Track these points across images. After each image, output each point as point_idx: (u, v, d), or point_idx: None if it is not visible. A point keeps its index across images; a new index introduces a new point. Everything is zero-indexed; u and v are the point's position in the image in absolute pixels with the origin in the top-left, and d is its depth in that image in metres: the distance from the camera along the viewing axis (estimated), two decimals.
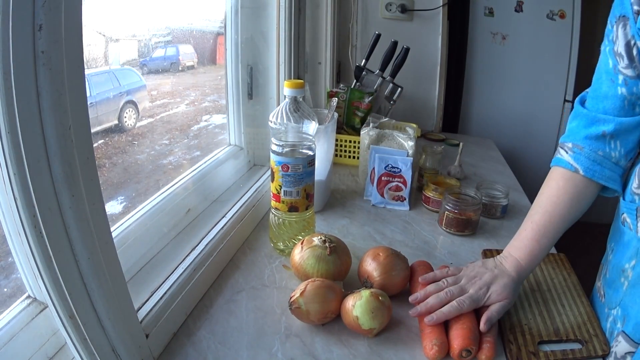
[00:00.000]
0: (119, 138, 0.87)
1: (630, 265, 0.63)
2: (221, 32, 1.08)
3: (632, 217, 0.64)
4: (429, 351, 0.61)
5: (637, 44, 0.60)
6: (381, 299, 0.65)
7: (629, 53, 0.61)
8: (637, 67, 0.61)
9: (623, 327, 0.63)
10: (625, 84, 0.63)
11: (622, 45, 0.61)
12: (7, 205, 0.42)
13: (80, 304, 0.46)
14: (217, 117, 1.17)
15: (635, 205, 0.64)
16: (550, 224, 0.70)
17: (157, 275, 0.68)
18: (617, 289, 0.67)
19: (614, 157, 0.67)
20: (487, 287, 0.68)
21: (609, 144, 0.66)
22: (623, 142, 0.66)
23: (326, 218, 1.04)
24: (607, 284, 0.70)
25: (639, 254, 0.62)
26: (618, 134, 0.66)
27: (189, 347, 0.63)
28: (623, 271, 0.65)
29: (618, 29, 0.62)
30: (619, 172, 0.68)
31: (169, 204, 0.83)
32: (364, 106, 1.41)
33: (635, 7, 0.58)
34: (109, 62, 0.80)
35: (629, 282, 0.63)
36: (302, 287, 0.66)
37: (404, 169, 1.09)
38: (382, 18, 1.87)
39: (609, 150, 0.67)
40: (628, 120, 0.64)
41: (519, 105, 2.18)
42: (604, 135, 0.66)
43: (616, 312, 0.66)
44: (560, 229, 0.70)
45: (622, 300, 0.65)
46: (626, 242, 0.65)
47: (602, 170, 0.67)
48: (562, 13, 2.04)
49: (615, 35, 0.63)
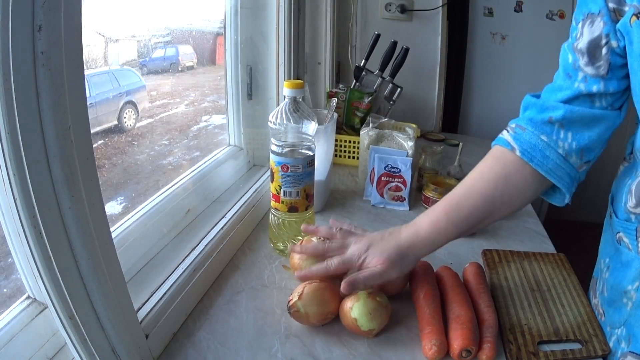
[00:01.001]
0: (119, 138, 0.87)
1: (633, 287, 0.61)
2: (221, 33, 1.08)
3: (631, 238, 0.61)
4: (428, 351, 0.61)
5: (611, 43, 0.57)
6: (379, 300, 0.65)
7: (592, 52, 0.58)
8: (601, 66, 0.58)
9: (629, 347, 0.61)
10: (584, 80, 0.60)
11: (585, 43, 0.59)
12: (7, 206, 0.42)
13: (80, 304, 0.46)
14: (216, 118, 1.17)
15: (633, 225, 0.60)
16: (465, 198, 0.64)
17: (157, 276, 0.68)
18: (619, 309, 0.64)
19: (562, 148, 0.61)
20: (365, 248, 0.61)
21: (557, 132, 0.61)
22: (575, 135, 0.61)
23: (326, 218, 1.04)
24: (606, 302, 0.68)
25: None
26: (568, 123, 0.61)
27: (189, 348, 0.63)
28: (625, 292, 0.62)
29: (584, 26, 0.59)
30: (568, 169, 0.62)
31: (169, 205, 0.83)
32: (364, 106, 1.41)
33: (610, 4, 0.55)
34: (109, 63, 0.80)
35: (633, 303, 0.61)
36: (299, 290, 0.66)
37: (404, 169, 1.09)
38: (382, 18, 1.87)
39: (555, 138, 0.61)
40: (581, 110, 0.60)
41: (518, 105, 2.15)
42: (551, 122, 0.61)
43: (620, 332, 0.64)
44: (478, 208, 0.63)
45: (626, 320, 0.62)
46: (625, 262, 0.62)
47: (543, 159, 0.61)
48: (562, 13, 2.04)
49: (580, 33, 0.59)
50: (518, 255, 0.88)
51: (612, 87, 0.60)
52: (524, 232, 1.02)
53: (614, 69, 0.58)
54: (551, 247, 0.95)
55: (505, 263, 0.85)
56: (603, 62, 0.58)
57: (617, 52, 0.57)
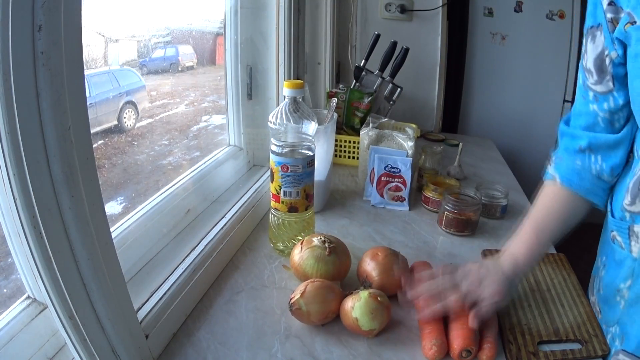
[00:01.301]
0: (119, 139, 0.87)
1: (625, 286, 0.62)
2: (221, 33, 1.08)
3: (623, 236, 0.62)
4: (428, 351, 0.61)
5: (610, 55, 0.58)
6: (380, 300, 0.65)
7: (599, 67, 0.59)
8: (608, 81, 0.59)
9: (622, 345, 0.62)
10: (595, 100, 0.62)
11: (591, 60, 0.60)
12: (7, 206, 0.42)
13: (80, 304, 0.46)
14: (216, 118, 1.17)
15: (626, 223, 0.62)
16: (549, 219, 0.69)
17: (157, 276, 0.68)
18: (613, 307, 0.65)
19: (594, 170, 0.66)
20: (479, 282, 0.66)
21: (588, 157, 0.66)
22: (604, 157, 0.65)
23: (326, 218, 1.04)
24: (602, 300, 0.69)
25: (634, 274, 0.60)
26: (595, 149, 0.65)
27: (189, 348, 0.63)
28: (618, 291, 0.64)
29: (587, 43, 0.61)
30: (602, 185, 0.67)
31: (169, 205, 0.83)
32: (364, 106, 1.41)
33: (608, 14, 0.56)
34: (109, 63, 0.80)
35: (626, 301, 0.62)
36: (301, 288, 0.66)
37: (404, 169, 1.09)
38: (382, 18, 1.87)
39: (588, 163, 0.66)
40: (603, 137, 0.64)
41: (518, 105, 2.18)
42: (581, 150, 0.66)
43: (614, 330, 0.65)
44: (557, 228, 0.69)
45: (619, 319, 0.63)
46: (618, 260, 0.64)
47: (580, 181, 0.67)
48: (562, 13, 2.04)
49: (585, 50, 0.62)
50: None
51: (622, 99, 0.61)
52: None
53: (619, 79, 0.59)
54: (551, 247, 0.95)
55: None
56: (609, 76, 0.59)
57: (616, 62, 0.58)
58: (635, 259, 0.60)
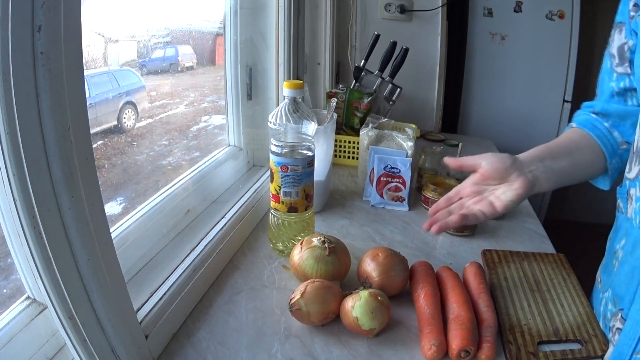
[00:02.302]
0: (118, 139, 0.87)
1: (620, 245, 0.65)
2: (220, 33, 1.08)
3: (623, 201, 0.66)
4: (427, 351, 0.61)
5: (628, 43, 0.66)
6: (380, 299, 0.65)
7: (621, 54, 0.68)
8: (627, 66, 0.68)
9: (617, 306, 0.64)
10: (616, 79, 0.70)
11: (615, 47, 0.69)
12: (7, 206, 0.42)
13: (79, 304, 0.46)
14: (216, 118, 1.17)
15: (625, 189, 0.66)
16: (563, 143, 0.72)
17: (157, 276, 0.68)
18: (609, 272, 0.68)
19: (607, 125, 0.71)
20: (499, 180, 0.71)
21: (601, 120, 0.72)
22: (615, 124, 0.71)
23: (325, 218, 1.04)
24: (603, 271, 0.72)
25: (627, 233, 0.63)
26: (607, 115, 0.72)
27: (189, 348, 0.63)
28: (615, 253, 0.67)
29: (615, 34, 0.70)
30: (612, 141, 0.71)
31: (169, 205, 0.83)
32: (363, 107, 1.41)
33: (632, 12, 0.65)
34: (108, 63, 0.80)
35: (619, 261, 0.65)
36: (302, 288, 0.66)
37: (403, 169, 1.09)
38: (381, 18, 1.87)
39: (601, 120, 0.72)
40: (614, 106, 0.71)
41: (518, 105, 2.18)
42: (595, 113, 0.73)
43: (607, 295, 0.67)
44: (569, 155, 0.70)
45: (612, 281, 0.66)
46: (618, 225, 0.68)
47: (594, 128, 0.72)
48: (561, 13, 2.04)
49: (612, 39, 0.70)
50: (518, 256, 0.88)
51: None
52: (524, 233, 1.02)
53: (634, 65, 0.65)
54: (551, 247, 0.95)
55: (505, 263, 0.85)
56: (627, 62, 0.67)
57: (632, 50, 0.66)
58: (628, 218, 0.63)
